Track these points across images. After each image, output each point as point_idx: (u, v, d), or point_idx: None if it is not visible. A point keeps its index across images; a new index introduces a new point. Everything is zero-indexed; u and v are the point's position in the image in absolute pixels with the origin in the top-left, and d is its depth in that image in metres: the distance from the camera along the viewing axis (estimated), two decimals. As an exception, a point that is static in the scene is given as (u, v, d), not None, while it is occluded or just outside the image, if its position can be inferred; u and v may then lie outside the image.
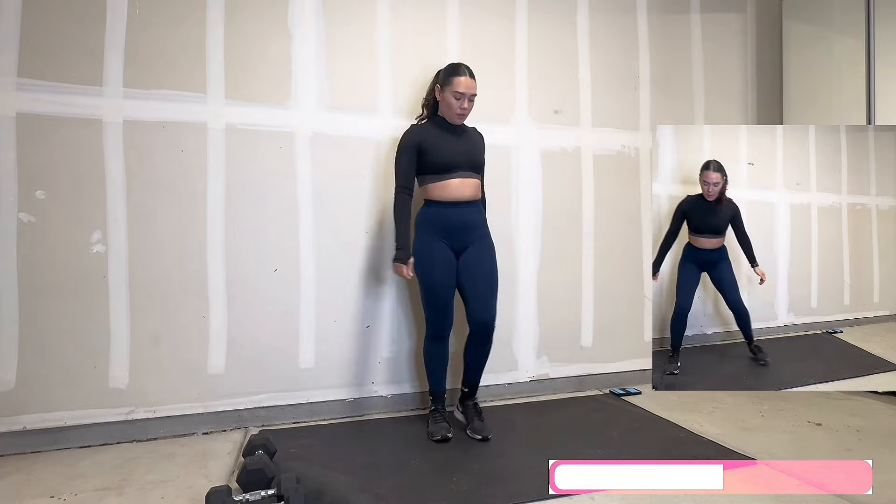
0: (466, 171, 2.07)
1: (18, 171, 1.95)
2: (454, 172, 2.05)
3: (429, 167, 2.06)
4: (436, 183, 2.05)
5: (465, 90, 2.03)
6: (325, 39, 2.29)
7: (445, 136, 2.09)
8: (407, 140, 2.08)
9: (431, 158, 2.04)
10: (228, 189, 2.17)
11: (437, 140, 2.06)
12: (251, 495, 1.46)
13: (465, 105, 2.06)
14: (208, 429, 2.14)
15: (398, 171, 2.08)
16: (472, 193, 2.08)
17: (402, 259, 2.03)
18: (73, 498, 1.60)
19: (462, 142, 2.11)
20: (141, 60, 2.07)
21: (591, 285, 2.68)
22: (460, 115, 2.08)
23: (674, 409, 2.34)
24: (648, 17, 2.81)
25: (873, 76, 2.62)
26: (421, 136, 2.08)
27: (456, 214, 2.06)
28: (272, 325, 2.21)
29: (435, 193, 2.06)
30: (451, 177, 2.04)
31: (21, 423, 1.95)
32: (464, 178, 2.06)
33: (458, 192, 2.05)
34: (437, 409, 2.13)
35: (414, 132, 2.10)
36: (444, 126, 2.11)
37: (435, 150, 2.04)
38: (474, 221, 2.11)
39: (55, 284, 1.98)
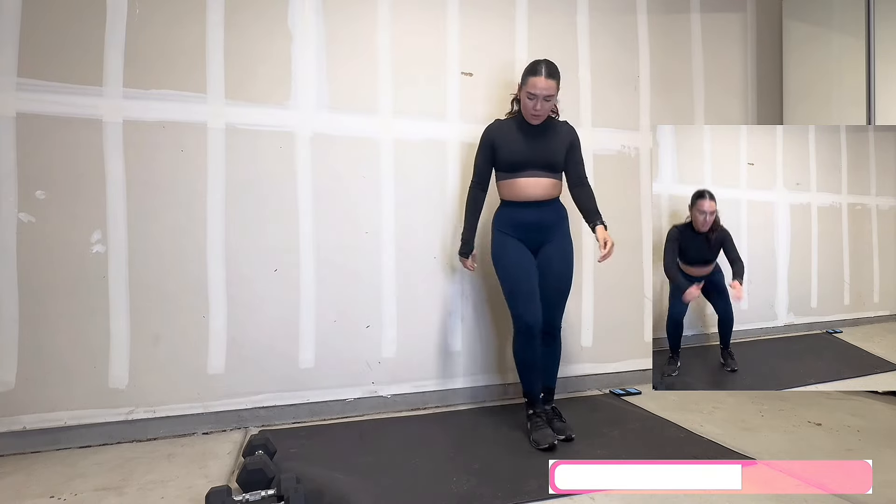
0: (538, 169, 2.03)
1: (18, 171, 1.95)
2: (523, 171, 2.03)
3: (500, 165, 2.08)
4: (505, 181, 2.07)
5: (538, 91, 1.96)
6: (325, 40, 2.29)
7: (521, 134, 2.05)
8: (484, 136, 2.11)
9: (502, 156, 2.05)
10: (228, 189, 2.17)
11: (510, 138, 2.05)
12: (251, 495, 1.46)
13: (538, 106, 1.98)
14: (208, 429, 2.14)
15: (474, 166, 2.14)
16: (542, 193, 2.04)
17: (464, 253, 2.15)
18: (73, 498, 1.60)
19: (539, 140, 2.05)
20: (141, 60, 2.07)
21: (591, 285, 2.68)
22: (535, 116, 2.02)
23: (674, 409, 2.34)
24: (648, 17, 2.81)
25: (873, 76, 2.62)
26: (496, 134, 2.08)
27: (526, 214, 2.05)
28: (272, 325, 2.21)
29: (506, 192, 2.09)
30: (519, 175, 2.03)
31: (21, 423, 1.95)
32: (533, 178, 2.03)
33: (525, 192, 2.04)
34: (536, 413, 2.02)
35: (491, 129, 2.11)
36: (524, 124, 2.07)
37: (506, 147, 2.04)
38: (547, 221, 2.07)
39: (55, 284, 1.98)
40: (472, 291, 2.48)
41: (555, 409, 2.12)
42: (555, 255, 2.07)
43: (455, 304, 2.46)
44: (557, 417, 2.07)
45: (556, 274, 2.07)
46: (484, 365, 2.49)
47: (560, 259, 2.08)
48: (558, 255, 2.08)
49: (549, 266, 2.06)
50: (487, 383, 2.49)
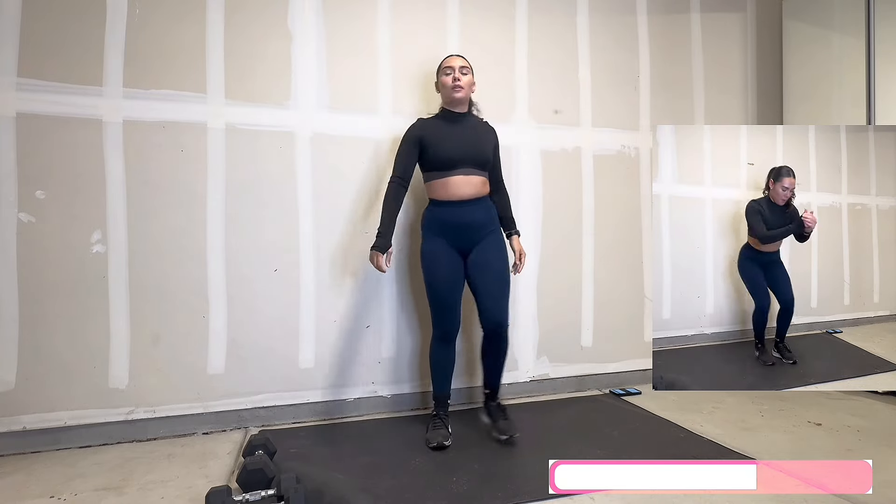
0: (470, 166, 2.01)
1: (18, 171, 1.95)
2: (456, 169, 1.99)
3: (430, 163, 2.02)
4: (438, 180, 2.01)
5: (453, 63, 2.05)
6: (325, 39, 2.29)
7: (449, 129, 2.04)
8: (410, 132, 2.06)
9: (433, 153, 2.00)
10: (228, 189, 2.17)
11: (440, 134, 2.02)
12: (251, 495, 1.46)
13: (457, 76, 2.02)
14: (208, 429, 2.14)
15: (396, 161, 2.03)
16: (475, 191, 2.02)
17: (381, 247, 1.94)
18: (73, 498, 1.60)
19: (467, 136, 2.05)
20: (141, 60, 2.07)
21: (591, 285, 2.68)
22: (455, 89, 2.02)
23: (674, 409, 2.34)
24: (648, 17, 2.81)
25: (873, 76, 2.62)
26: (424, 129, 2.04)
27: (460, 214, 2.00)
28: (272, 325, 2.21)
29: (437, 191, 2.03)
30: (453, 173, 1.99)
31: (21, 423, 1.95)
32: (466, 175, 2.00)
33: (460, 190, 1.99)
34: (438, 415, 2.06)
35: (418, 125, 2.07)
36: (450, 119, 2.07)
37: (437, 145, 2.00)
38: (481, 220, 2.03)
39: (55, 284, 1.98)
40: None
41: (500, 405, 2.12)
42: (491, 253, 2.03)
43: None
44: (503, 416, 2.07)
45: (496, 272, 2.02)
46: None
47: (497, 257, 2.04)
48: (494, 253, 2.04)
49: (487, 265, 2.02)
50: (487, 383, 2.49)
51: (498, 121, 2.44)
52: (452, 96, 2.05)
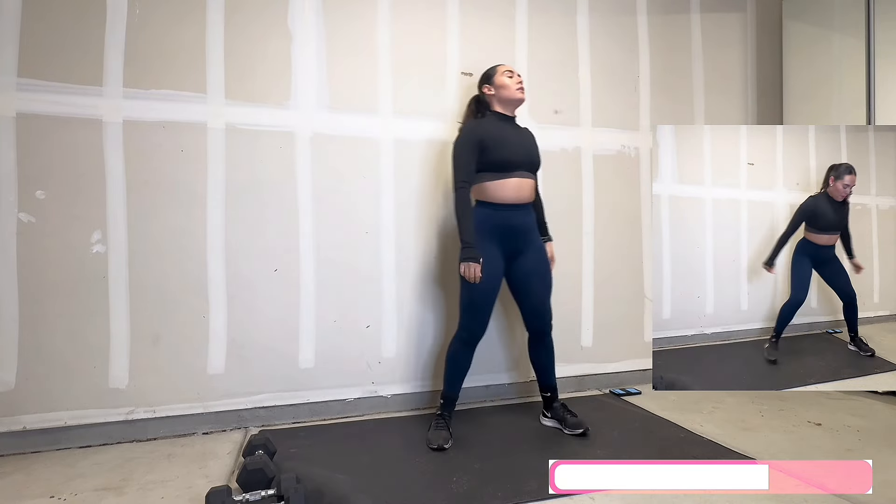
0: (526, 170, 2.02)
1: (18, 171, 1.95)
2: (514, 171, 1.98)
3: (488, 165, 1.97)
4: (493, 182, 1.98)
5: (511, 68, 2.11)
6: (325, 39, 2.29)
7: (506, 132, 2.03)
8: (469, 134, 2.02)
9: (493, 156, 1.96)
10: (228, 189, 2.17)
11: (499, 136, 2.00)
12: (251, 495, 1.46)
13: (519, 80, 2.09)
14: (208, 429, 2.14)
15: (459, 166, 1.98)
16: (528, 195, 2.03)
17: (475, 257, 1.90)
18: (73, 498, 1.60)
19: (521, 140, 2.06)
20: (141, 60, 2.07)
21: (591, 285, 2.68)
22: (520, 90, 2.08)
23: (674, 409, 2.34)
24: (648, 18, 2.81)
25: (873, 76, 2.62)
26: (483, 131, 2.01)
27: (513, 217, 2.00)
28: (272, 325, 2.21)
29: (491, 193, 1.98)
30: (510, 176, 1.98)
31: (21, 423, 1.95)
32: (522, 178, 2.00)
33: (516, 193, 1.99)
34: (443, 415, 2.06)
35: (475, 127, 2.04)
36: (503, 122, 2.08)
37: (498, 147, 1.97)
38: (530, 224, 2.06)
39: (55, 284, 1.98)
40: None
41: (564, 405, 2.14)
42: (537, 257, 2.07)
43: (455, 305, 2.45)
44: (570, 413, 2.09)
45: (541, 275, 2.07)
46: (483, 365, 2.48)
47: (544, 261, 2.09)
48: (541, 257, 2.08)
49: (536, 269, 2.06)
50: (487, 383, 2.49)
51: (498, 121, 2.44)
52: (517, 97, 2.08)
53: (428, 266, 2.42)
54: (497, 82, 2.09)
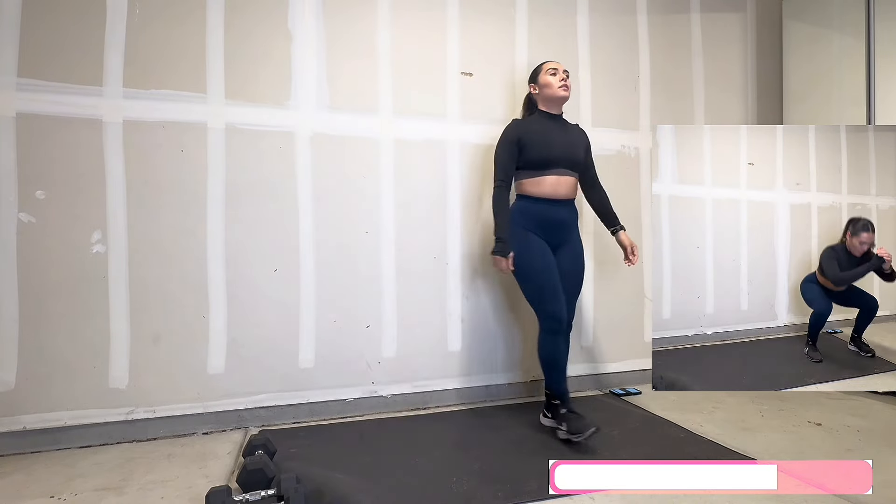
0: (564, 167, 2.06)
1: (18, 171, 1.95)
2: (551, 169, 2.03)
3: (526, 162, 2.05)
4: (531, 178, 2.05)
5: (557, 66, 2.10)
6: (325, 40, 2.29)
7: (547, 130, 2.08)
8: (508, 134, 2.09)
9: (530, 154, 2.03)
10: (228, 189, 2.17)
11: (538, 135, 2.05)
12: (251, 495, 1.46)
13: (563, 77, 2.09)
14: (208, 429, 2.14)
15: (498, 164, 2.06)
16: (566, 191, 2.07)
17: (503, 251, 1.97)
18: (73, 498, 1.60)
19: (563, 138, 2.09)
20: (141, 60, 2.07)
21: (591, 285, 2.68)
22: (564, 87, 2.09)
23: (674, 409, 2.34)
24: (648, 17, 2.81)
25: (873, 76, 2.62)
26: (523, 130, 2.07)
27: (553, 212, 2.05)
28: (272, 325, 2.21)
29: (529, 189, 2.06)
30: (547, 173, 2.03)
31: (21, 423, 1.95)
32: (560, 176, 2.05)
33: (555, 189, 2.04)
34: (569, 410, 1.98)
35: (515, 127, 2.10)
36: (547, 120, 2.12)
37: (534, 145, 2.03)
38: (569, 220, 2.10)
39: (55, 284, 1.98)
40: (472, 292, 2.48)
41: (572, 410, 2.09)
42: (573, 255, 2.11)
43: (455, 305, 2.46)
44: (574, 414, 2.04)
45: (574, 274, 2.11)
46: (483, 365, 2.49)
47: (578, 259, 2.13)
48: (575, 255, 2.12)
49: (567, 266, 2.08)
50: (487, 383, 2.49)
51: (498, 121, 2.45)
52: (559, 95, 2.09)
53: (428, 266, 2.42)
54: (541, 81, 2.12)
